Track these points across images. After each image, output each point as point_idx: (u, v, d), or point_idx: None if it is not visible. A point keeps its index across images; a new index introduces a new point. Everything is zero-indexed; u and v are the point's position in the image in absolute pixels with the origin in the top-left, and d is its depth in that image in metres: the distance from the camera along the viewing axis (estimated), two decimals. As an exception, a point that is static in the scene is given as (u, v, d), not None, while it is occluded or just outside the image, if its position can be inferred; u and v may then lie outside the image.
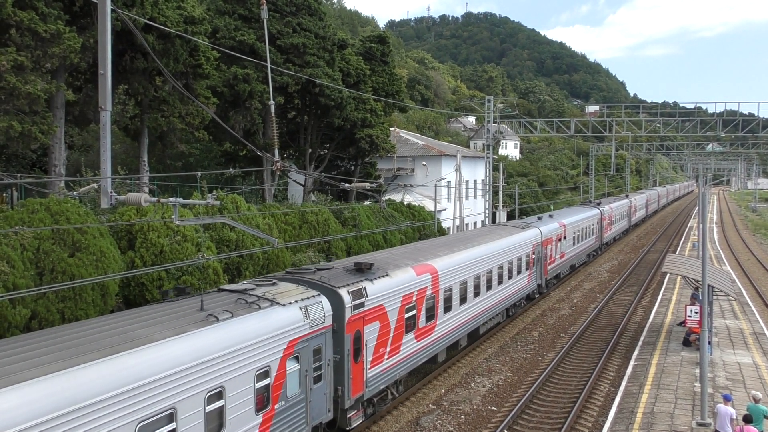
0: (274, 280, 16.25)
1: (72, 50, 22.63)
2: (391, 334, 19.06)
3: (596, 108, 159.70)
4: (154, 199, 13.77)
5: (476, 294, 26.35)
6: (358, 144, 42.63)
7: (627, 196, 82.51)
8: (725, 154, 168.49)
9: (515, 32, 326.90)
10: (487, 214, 52.29)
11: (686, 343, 26.09)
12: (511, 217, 67.50)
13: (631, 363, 24.55)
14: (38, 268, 18.63)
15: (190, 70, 29.79)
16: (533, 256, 34.80)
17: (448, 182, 53.96)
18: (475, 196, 63.04)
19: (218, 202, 15.36)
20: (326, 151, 44.54)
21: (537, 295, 37.11)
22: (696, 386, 20.94)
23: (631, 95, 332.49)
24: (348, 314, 16.62)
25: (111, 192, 12.47)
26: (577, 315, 35.00)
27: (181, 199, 14.09)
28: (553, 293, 40.57)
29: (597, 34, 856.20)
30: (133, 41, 26.12)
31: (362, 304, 17.33)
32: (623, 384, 22.17)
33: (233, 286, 15.57)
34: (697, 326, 24.14)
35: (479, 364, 25.88)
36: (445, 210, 52.44)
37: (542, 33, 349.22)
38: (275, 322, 14.06)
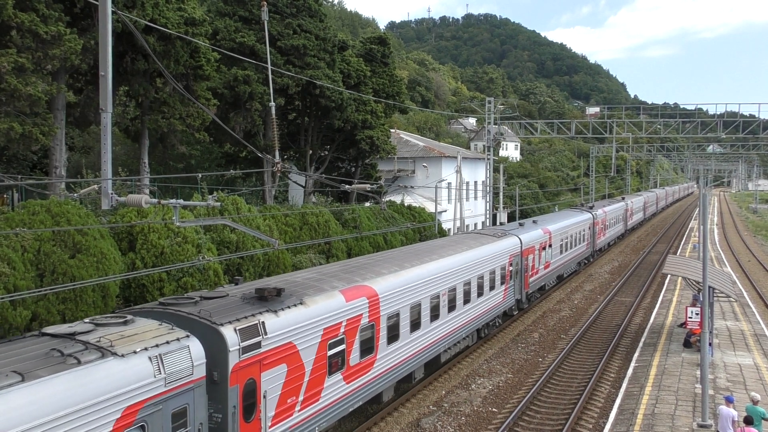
0: (129, 317, 12.25)
1: (73, 52, 22.67)
2: (306, 378, 15.06)
3: (597, 109, 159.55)
4: (155, 200, 13.77)
5: (434, 317, 22.32)
6: (359, 145, 42.64)
7: (623, 198, 78.44)
8: (726, 155, 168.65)
9: (516, 33, 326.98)
10: (487, 216, 52.29)
11: (687, 344, 26.08)
12: (511, 218, 67.44)
13: (632, 364, 24.53)
14: (39, 269, 18.64)
15: (191, 72, 29.82)
16: (510, 269, 30.96)
17: (449, 183, 53.96)
18: (475, 198, 63.04)
19: (219, 204, 15.35)
20: (327, 152, 44.55)
21: (516, 312, 33.23)
22: (697, 388, 20.92)
23: (632, 96, 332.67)
24: (234, 359, 12.62)
25: (112, 193, 12.48)
26: (577, 316, 34.99)
27: (181, 201, 14.08)
28: (553, 294, 40.54)
29: (598, 36, 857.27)
30: (134, 43, 26.15)
31: (258, 345, 13.27)
32: (624, 385, 22.16)
33: (61, 329, 11.35)
34: (698, 327, 24.14)
35: (480, 365, 25.87)
36: (445, 211, 52.44)
37: (543, 34, 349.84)
38: (100, 384, 10.05)
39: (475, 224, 60.07)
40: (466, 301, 25.34)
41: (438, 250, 24.93)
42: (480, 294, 26.84)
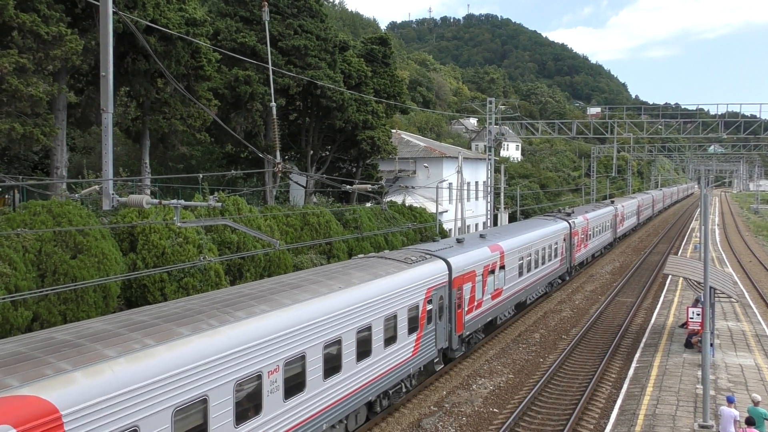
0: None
1: (74, 52, 22.69)
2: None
3: (598, 110, 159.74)
4: (156, 201, 13.77)
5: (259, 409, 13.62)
6: (360, 146, 42.64)
7: (612, 201, 68.74)
8: (727, 155, 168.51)
9: (517, 34, 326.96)
10: (488, 216, 52.28)
11: (688, 345, 26.06)
12: (512, 219, 67.36)
13: (633, 365, 24.51)
14: (40, 270, 18.66)
15: (192, 72, 29.85)
16: (429, 308, 21.68)
17: (450, 184, 53.96)
18: (476, 198, 63.04)
19: (220, 204, 15.36)
20: (327, 152, 44.56)
21: (439, 367, 23.64)
22: (698, 388, 20.91)
23: (633, 97, 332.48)
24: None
25: (112, 194, 12.48)
26: (578, 317, 34.96)
27: (182, 201, 14.09)
28: (554, 295, 40.48)
29: (599, 36, 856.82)
30: (135, 43, 26.18)
31: None
32: (625, 386, 22.14)
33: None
34: (699, 327, 24.12)
35: (481, 365, 25.85)
36: (446, 212, 52.44)
37: (544, 35, 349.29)
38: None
39: (477, 225, 60.09)
40: (334, 371, 16.10)
41: (306, 287, 16.54)
42: (364, 354, 17.60)
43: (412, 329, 20.45)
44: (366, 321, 17.45)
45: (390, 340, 19.02)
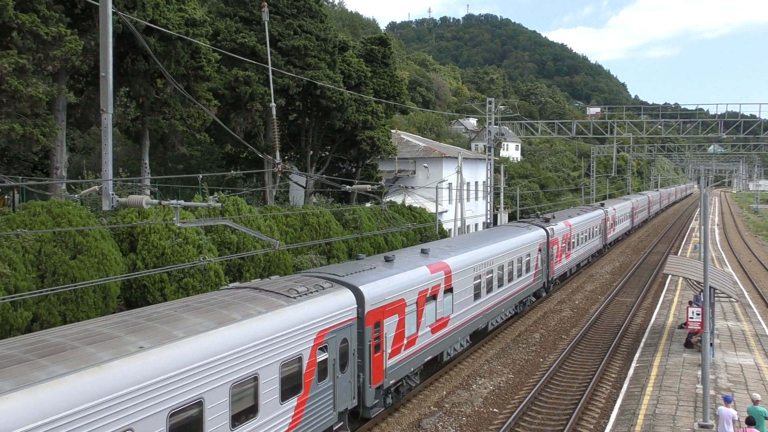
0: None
1: (73, 53, 22.69)
2: None
3: (597, 110, 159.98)
4: (156, 201, 13.77)
5: None
6: (359, 146, 42.65)
7: (602, 204, 62.98)
8: (727, 155, 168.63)
9: (516, 34, 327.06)
10: (488, 216, 52.29)
11: (688, 344, 26.07)
12: (512, 218, 67.29)
13: (633, 365, 24.52)
14: (40, 270, 18.66)
15: (192, 73, 29.85)
16: (318, 360, 15.75)
17: (450, 184, 53.98)
18: (476, 198, 63.06)
19: (219, 204, 15.37)
20: (327, 153, 44.56)
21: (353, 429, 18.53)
22: (698, 388, 20.91)
23: (633, 97, 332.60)
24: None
25: (112, 194, 12.48)
26: (578, 317, 34.97)
27: (182, 202, 14.09)
28: (554, 295, 40.47)
29: (599, 36, 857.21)
30: (135, 43, 26.18)
31: None
32: (625, 386, 22.15)
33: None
34: (699, 327, 24.13)
35: (481, 365, 25.86)
36: (446, 212, 52.46)
37: (544, 35, 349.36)
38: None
39: (476, 225, 60.10)
40: None
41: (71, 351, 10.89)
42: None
43: (288, 392, 14.62)
44: (193, 395, 11.83)
45: (245, 414, 13.24)
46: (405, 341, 20.14)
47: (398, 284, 19.85)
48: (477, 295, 26.45)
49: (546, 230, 37.84)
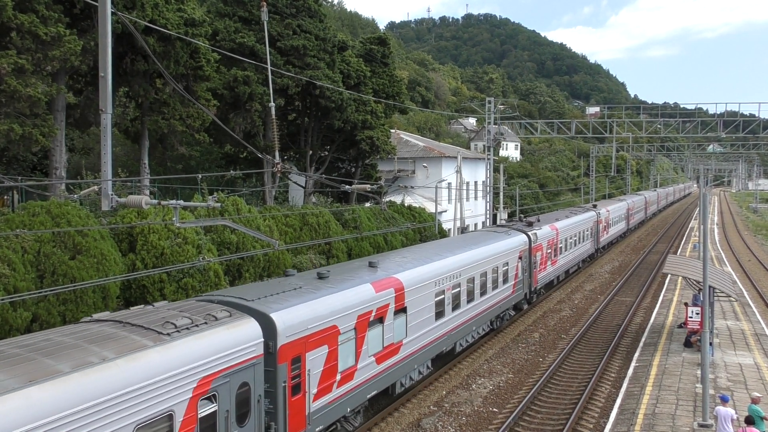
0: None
1: (72, 53, 22.67)
2: None
3: (597, 109, 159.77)
4: (155, 201, 13.77)
5: None
6: (359, 146, 42.64)
7: (595, 206, 59.75)
8: (726, 154, 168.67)
9: (516, 34, 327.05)
10: (487, 216, 52.28)
11: (687, 344, 26.08)
12: (512, 218, 67.17)
13: (633, 364, 24.53)
14: (39, 270, 18.65)
15: (191, 73, 29.83)
16: (199, 416, 12.20)
17: (449, 184, 53.97)
18: (475, 198, 63.06)
19: (219, 205, 15.36)
20: (327, 152, 44.55)
21: None
22: (697, 387, 20.92)
23: (632, 96, 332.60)
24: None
25: (112, 194, 12.48)
26: (578, 316, 34.97)
27: (181, 202, 14.09)
28: (554, 295, 40.45)
29: (599, 36, 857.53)
30: (134, 44, 26.16)
31: None
32: (624, 385, 22.15)
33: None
34: (698, 327, 24.13)
35: (480, 365, 25.86)
36: (445, 211, 52.45)
37: (543, 34, 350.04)
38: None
39: (476, 225, 60.09)
40: None
41: None
42: None
43: None
44: None
45: None
46: (338, 377, 16.64)
47: (328, 308, 16.30)
48: (440, 314, 22.99)
49: (528, 235, 34.34)
